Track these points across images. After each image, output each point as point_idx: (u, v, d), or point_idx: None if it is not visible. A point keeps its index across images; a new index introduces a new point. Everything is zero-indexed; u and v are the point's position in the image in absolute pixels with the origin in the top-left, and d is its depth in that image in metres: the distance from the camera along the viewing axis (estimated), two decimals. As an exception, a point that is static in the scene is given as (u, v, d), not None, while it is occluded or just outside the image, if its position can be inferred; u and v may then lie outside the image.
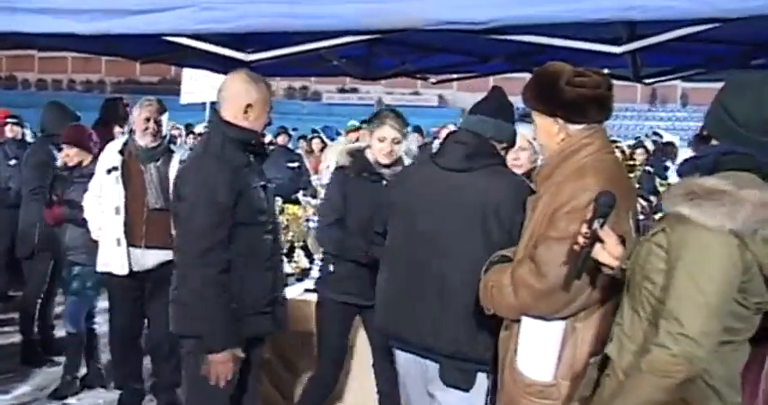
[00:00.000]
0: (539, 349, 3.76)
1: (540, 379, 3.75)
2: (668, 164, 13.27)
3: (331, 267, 5.75)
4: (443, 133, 13.29)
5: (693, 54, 6.86)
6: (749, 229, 2.93)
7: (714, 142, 3.25)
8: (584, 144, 3.79)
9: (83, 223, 7.01)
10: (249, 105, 4.75)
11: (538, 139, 3.92)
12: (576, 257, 3.33)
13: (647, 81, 7.58)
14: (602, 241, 3.27)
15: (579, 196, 3.58)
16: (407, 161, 5.82)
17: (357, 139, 14.16)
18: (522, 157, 5.18)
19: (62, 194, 7.19)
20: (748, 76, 3.23)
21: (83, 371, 7.56)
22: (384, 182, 5.65)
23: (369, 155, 5.72)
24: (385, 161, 5.62)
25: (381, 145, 5.62)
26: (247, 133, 4.75)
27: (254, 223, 4.68)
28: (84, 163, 7.31)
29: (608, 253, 3.28)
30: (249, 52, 5.50)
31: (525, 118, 5.07)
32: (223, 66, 6.06)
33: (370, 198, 5.58)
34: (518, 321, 3.83)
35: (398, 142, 5.65)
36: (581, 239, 3.29)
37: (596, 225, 3.24)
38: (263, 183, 4.80)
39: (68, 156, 7.26)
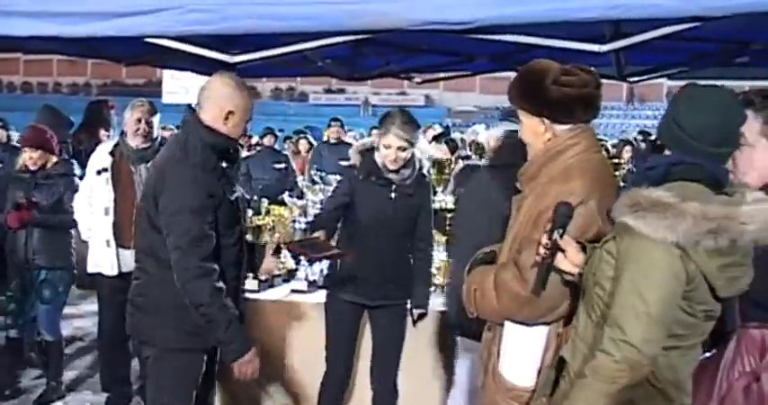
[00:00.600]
0: (521, 354, 3.75)
1: (521, 384, 3.74)
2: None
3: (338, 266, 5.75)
4: (429, 133, 13.33)
5: (677, 52, 6.90)
6: (690, 241, 2.99)
7: (666, 152, 3.28)
8: (571, 144, 3.72)
9: (48, 225, 7.05)
10: (231, 112, 4.55)
11: (523, 138, 3.87)
12: (540, 268, 3.38)
13: (630, 79, 7.61)
14: (563, 251, 3.33)
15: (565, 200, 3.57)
16: (426, 163, 5.80)
17: (337, 136, 14.20)
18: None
19: (29, 197, 7.07)
20: (700, 88, 3.25)
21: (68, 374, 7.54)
22: (393, 187, 5.64)
23: (377, 157, 5.69)
24: (391, 167, 5.58)
25: (387, 151, 5.56)
26: (225, 140, 4.59)
27: (225, 234, 4.59)
28: (49, 165, 7.25)
29: (569, 261, 3.35)
30: (234, 54, 5.50)
31: (510, 117, 5.06)
32: (208, 67, 6.05)
33: (376, 201, 5.59)
34: (501, 324, 3.83)
35: (404, 149, 5.54)
36: (542, 250, 3.35)
37: (556, 235, 3.31)
38: (236, 192, 4.71)
39: (32, 158, 7.15)
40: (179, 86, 10.83)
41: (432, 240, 5.89)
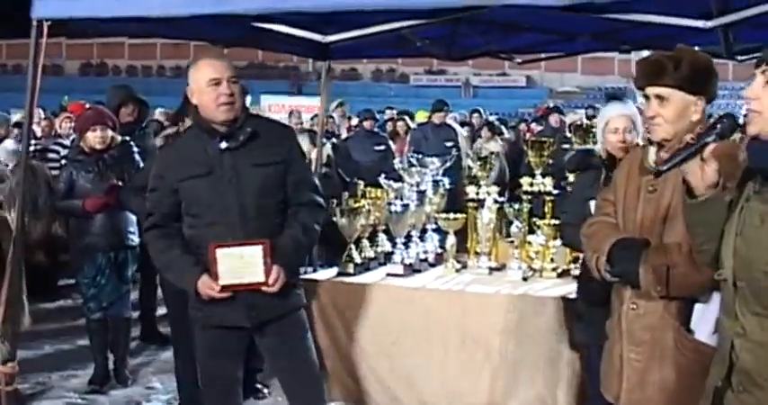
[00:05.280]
0: (710, 316, 3.66)
1: (711, 343, 3.64)
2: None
3: None
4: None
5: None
6: None
7: None
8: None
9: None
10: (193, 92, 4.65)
11: (670, 119, 3.76)
12: (674, 153, 3.13)
13: (740, 58, 7.33)
14: (702, 159, 3.09)
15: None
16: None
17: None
18: (629, 139, 4.99)
19: (111, 181, 7.03)
20: None
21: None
22: None
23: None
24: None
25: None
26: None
27: None
28: (113, 144, 7.19)
29: (701, 176, 3.11)
30: (328, 34, 5.44)
31: (616, 97, 4.92)
32: (303, 48, 6.03)
33: None
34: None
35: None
36: (688, 137, 3.14)
37: (708, 138, 3.06)
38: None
39: (101, 138, 7.02)
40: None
41: None
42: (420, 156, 7.20)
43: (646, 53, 7.89)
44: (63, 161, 9.73)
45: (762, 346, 3.01)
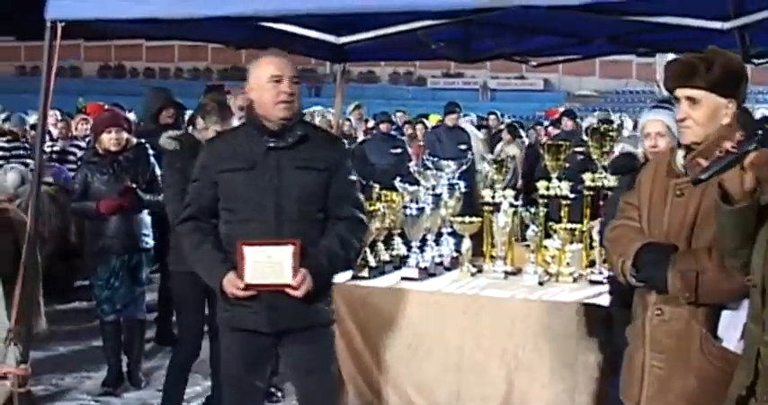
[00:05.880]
0: (737, 322, 3.63)
1: (736, 349, 3.62)
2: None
3: None
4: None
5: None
6: None
7: None
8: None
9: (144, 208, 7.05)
10: None
11: (701, 121, 3.74)
12: (715, 160, 3.10)
13: (756, 61, 7.28)
14: (742, 167, 3.05)
15: None
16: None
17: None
18: (660, 144, 4.96)
19: (126, 183, 6.99)
20: None
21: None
22: None
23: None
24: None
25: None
26: None
27: None
28: (129, 146, 7.19)
29: (740, 183, 3.08)
30: (342, 35, 5.43)
31: (663, 104, 4.90)
32: (317, 50, 6.01)
33: None
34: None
35: None
36: (728, 145, 3.09)
37: (750, 147, 3.02)
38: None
39: (116, 140, 7.02)
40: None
41: None
42: (436, 159, 7.17)
43: (670, 56, 7.92)
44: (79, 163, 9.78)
45: None
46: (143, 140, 7.43)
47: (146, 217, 7.12)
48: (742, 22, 4.64)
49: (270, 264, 4.39)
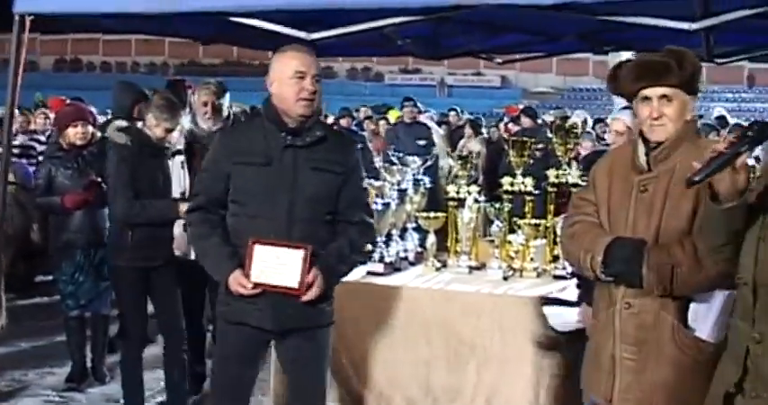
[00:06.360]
0: (711, 312, 3.80)
1: (709, 339, 3.78)
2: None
3: None
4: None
5: (764, 33, 6.66)
6: None
7: None
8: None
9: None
10: None
11: (674, 118, 3.84)
12: (710, 160, 3.14)
13: (718, 61, 7.39)
14: (734, 168, 3.13)
15: None
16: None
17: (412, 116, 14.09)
18: (618, 141, 5.06)
19: (92, 178, 6.92)
20: None
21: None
22: None
23: None
24: None
25: None
26: None
27: None
28: (93, 141, 7.16)
29: (731, 183, 3.15)
30: (312, 31, 5.43)
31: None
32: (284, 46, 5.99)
33: None
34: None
35: None
36: (721, 146, 3.13)
37: (741, 148, 3.09)
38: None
39: (82, 134, 6.99)
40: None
41: None
42: (401, 154, 7.20)
43: (625, 55, 8.01)
44: (40, 157, 9.71)
45: None
46: (107, 134, 7.38)
47: None
48: (710, 22, 4.72)
49: (278, 265, 4.37)
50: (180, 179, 6.64)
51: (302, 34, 5.34)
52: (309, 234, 4.43)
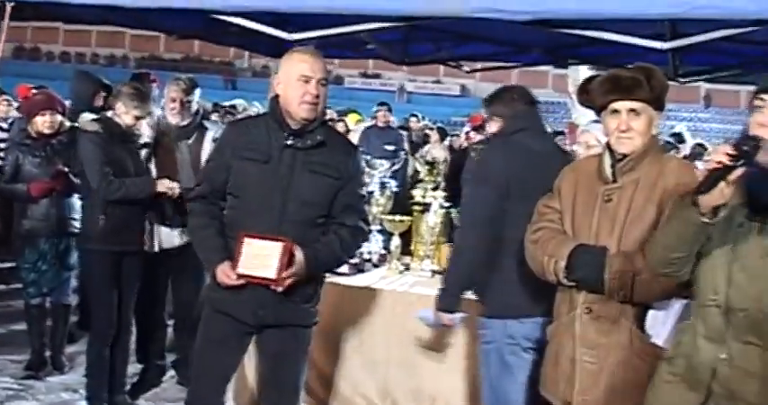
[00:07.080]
0: (667, 318, 4.01)
1: (664, 344, 3.90)
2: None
3: None
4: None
5: (727, 55, 6.82)
6: None
7: None
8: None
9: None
10: None
11: (641, 132, 3.95)
12: (711, 174, 3.23)
13: (681, 80, 7.54)
14: (727, 182, 3.21)
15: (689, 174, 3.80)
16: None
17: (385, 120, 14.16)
18: (588, 154, 5.15)
19: (59, 167, 6.95)
20: None
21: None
22: None
23: None
24: None
25: None
26: None
27: None
28: (62, 129, 7.16)
29: (718, 196, 3.24)
30: (291, 32, 5.49)
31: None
32: (266, 46, 6.06)
33: None
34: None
35: None
36: (720, 159, 3.19)
37: (738, 162, 3.16)
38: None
39: (50, 123, 7.01)
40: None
41: None
42: (368, 157, 7.28)
43: (582, 69, 8.14)
44: (2, 145, 9.67)
45: (748, 375, 3.18)
46: (77, 124, 7.39)
47: (76, 201, 7.06)
48: (681, 43, 4.86)
49: (261, 257, 4.45)
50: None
51: (283, 34, 5.40)
52: (299, 235, 4.49)
